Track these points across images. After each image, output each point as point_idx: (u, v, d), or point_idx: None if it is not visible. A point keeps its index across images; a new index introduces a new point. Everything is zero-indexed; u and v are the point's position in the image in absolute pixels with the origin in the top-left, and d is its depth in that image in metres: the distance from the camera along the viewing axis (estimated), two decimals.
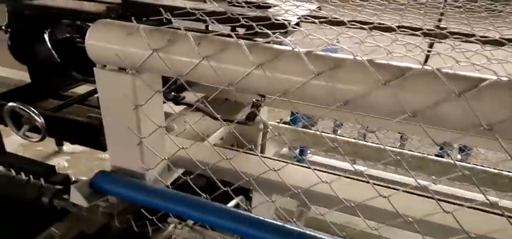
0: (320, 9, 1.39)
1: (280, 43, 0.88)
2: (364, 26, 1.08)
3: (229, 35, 0.91)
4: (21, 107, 1.43)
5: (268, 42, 0.89)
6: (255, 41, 0.99)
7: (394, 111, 0.73)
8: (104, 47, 0.99)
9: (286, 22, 1.01)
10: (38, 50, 1.74)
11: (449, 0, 1.61)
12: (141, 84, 1.02)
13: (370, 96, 0.74)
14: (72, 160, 3.57)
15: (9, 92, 1.78)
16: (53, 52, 1.74)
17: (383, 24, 1.22)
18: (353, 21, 1.23)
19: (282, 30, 0.98)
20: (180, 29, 0.93)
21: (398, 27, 1.16)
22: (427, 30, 1.10)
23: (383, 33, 0.98)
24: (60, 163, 3.48)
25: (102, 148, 1.29)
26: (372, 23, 1.17)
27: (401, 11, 1.38)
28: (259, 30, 0.92)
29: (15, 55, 1.83)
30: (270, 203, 1.40)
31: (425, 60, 1.30)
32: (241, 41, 0.84)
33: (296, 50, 0.80)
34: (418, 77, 0.71)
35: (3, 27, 1.87)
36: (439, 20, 1.24)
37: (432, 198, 0.85)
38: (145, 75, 1.02)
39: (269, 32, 0.88)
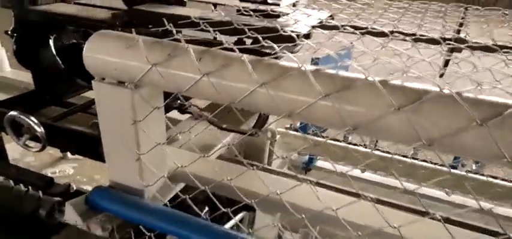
0: (332, 18, 1.32)
1: (287, 58, 0.83)
2: (376, 39, 1.02)
3: (235, 47, 0.86)
4: (21, 116, 1.40)
5: (276, 57, 0.84)
6: (262, 51, 0.94)
7: (408, 138, 0.67)
8: (102, 60, 0.95)
9: (294, 34, 0.95)
10: (42, 56, 1.72)
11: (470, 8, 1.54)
12: (140, 98, 0.97)
13: (382, 121, 0.67)
14: (79, 167, 3.54)
15: (13, 98, 1.76)
16: (57, 58, 1.72)
17: (400, 32, 1.15)
18: (367, 31, 1.17)
19: (290, 44, 0.92)
20: (180, 41, 0.88)
21: (415, 39, 1.10)
22: (446, 43, 1.03)
23: (397, 48, 0.91)
24: (66, 170, 3.46)
25: (102, 159, 1.25)
26: (386, 35, 1.11)
27: (418, 19, 1.31)
28: (265, 44, 0.86)
29: (20, 60, 1.81)
30: (275, 218, 1.34)
31: (442, 76, 1.24)
32: (245, 57, 0.79)
33: (302, 68, 0.74)
34: (435, 101, 0.64)
35: (9, 32, 1.85)
36: (458, 32, 1.17)
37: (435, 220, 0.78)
38: (144, 90, 0.97)
39: (275, 46, 0.82)
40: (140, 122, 0.99)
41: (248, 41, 1.12)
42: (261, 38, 0.88)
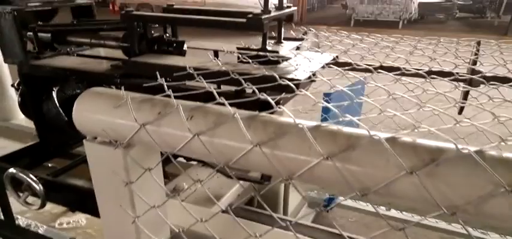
0: (337, 59, 1.26)
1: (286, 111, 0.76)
2: (383, 87, 0.95)
3: (226, 103, 0.79)
4: (20, 173, 1.36)
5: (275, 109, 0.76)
6: (261, 102, 0.87)
7: (425, 205, 0.58)
8: (92, 119, 0.90)
9: (294, 83, 0.88)
10: (45, 108, 1.70)
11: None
12: (134, 158, 0.91)
13: (393, 186, 0.59)
14: (92, 218, 3.45)
15: (17, 152, 1.73)
16: (60, 110, 1.69)
17: (409, 74, 1.08)
18: (378, 70, 1.10)
19: (289, 96, 0.86)
20: (170, 96, 0.82)
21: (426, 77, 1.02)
22: (462, 88, 0.95)
23: (404, 95, 0.83)
24: (78, 221, 3.38)
25: None
26: (397, 71, 1.03)
27: (429, 58, 1.23)
28: (262, 97, 0.80)
29: (24, 112, 1.80)
30: None
31: (460, 112, 1.14)
32: (237, 115, 0.72)
33: (300, 125, 0.67)
34: (454, 163, 0.55)
35: (14, 85, 1.86)
36: (472, 71, 1.09)
37: None
38: (137, 149, 0.91)
39: (272, 101, 0.75)
40: (134, 183, 0.93)
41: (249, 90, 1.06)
42: (257, 91, 0.81)
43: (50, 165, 1.85)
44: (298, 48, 1.33)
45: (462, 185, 0.55)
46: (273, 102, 0.75)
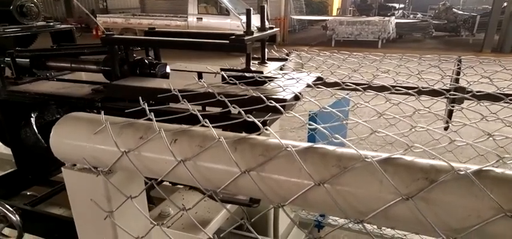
0: (321, 81, 1.24)
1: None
2: (373, 107, 0.93)
3: (211, 126, 0.76)
4: None
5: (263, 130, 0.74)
6: (248, 123, 0.85)
7: (424, 229, 0.55)
8: (70, 146, 0.85)
9: (280, 104, 0.86)
10: (23, 134, 1.63)
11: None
12: (115, 186, 0.86)
13: (388, 210, 0.56)
14: None
15: None
16: (39, 136, 1.63)
17: (399, 90, 1.07)
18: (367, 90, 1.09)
19: (276, 117, 0.83)
20: (152, 120, 0.78)
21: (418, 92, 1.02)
22: (450, 104, 0.94)
23: (396, 116, 0.82)
24: None
25: None
26: (386, 90, 1.02)
27: (416, 76, 1.23)
28: (248, 119, 0.77)
29: (2, 140, 1.73)
30: None
31: (446, 129, 1.14)
32: (222, 139, 0.69)
33: (289, 148, 0.64)
34: (451, 185, 0.53)
35: None
36: (457, 80, 1.09)
37: None
38: (119, 175, 0.87)
39: (259, 124, 0.72)
40: (116, 211, 0.88)
41: (235, 110, 1.03)
42: (243, 112, 0.79)
43: (28, 193, 1.78)
44: (281, 68, 1.32)
45: (460, 208, 0.52)
46: (259, 124, 0.72)
